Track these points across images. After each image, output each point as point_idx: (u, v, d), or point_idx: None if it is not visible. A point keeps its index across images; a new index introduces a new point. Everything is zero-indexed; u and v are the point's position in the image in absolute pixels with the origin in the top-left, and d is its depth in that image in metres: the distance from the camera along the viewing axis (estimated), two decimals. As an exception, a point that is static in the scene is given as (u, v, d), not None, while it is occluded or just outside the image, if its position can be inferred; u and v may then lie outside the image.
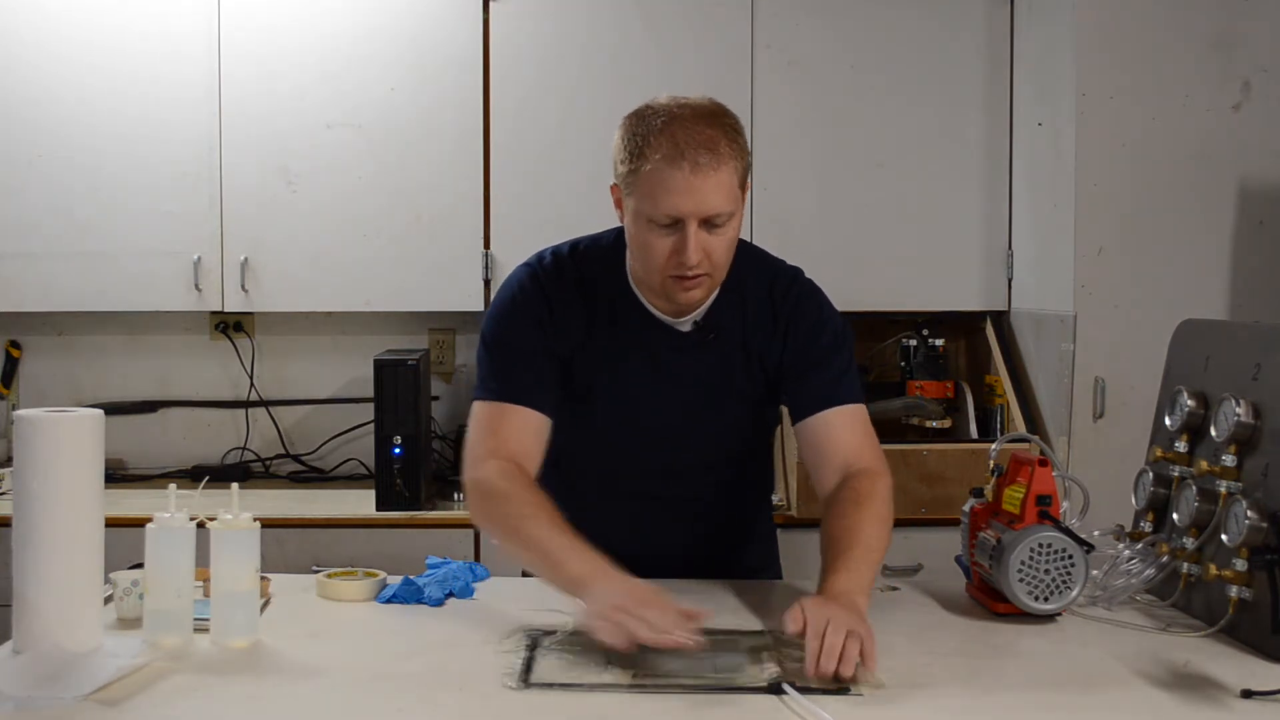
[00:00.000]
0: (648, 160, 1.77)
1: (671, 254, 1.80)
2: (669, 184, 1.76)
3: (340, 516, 3.16)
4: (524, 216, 3.39)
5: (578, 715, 1.43)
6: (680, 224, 1.78)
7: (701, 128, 1.78)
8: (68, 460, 1.55)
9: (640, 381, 1.95)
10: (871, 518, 1.82)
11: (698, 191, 1.76)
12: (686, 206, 1.77)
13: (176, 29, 3.35)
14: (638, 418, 1.97)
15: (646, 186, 1.78)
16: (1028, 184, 3.40)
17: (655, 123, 1.79)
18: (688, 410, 1.97)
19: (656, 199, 1.77)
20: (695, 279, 1.82)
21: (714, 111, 1.83)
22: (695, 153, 1.76)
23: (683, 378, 1.96)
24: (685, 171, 1.75)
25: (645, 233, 1.81)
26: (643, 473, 2.00)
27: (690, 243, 1.78)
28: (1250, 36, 3.09)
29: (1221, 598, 1.72)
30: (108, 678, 1.47)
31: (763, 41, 3.41)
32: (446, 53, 3.38)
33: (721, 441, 2.01)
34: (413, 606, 1.86)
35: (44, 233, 3.35)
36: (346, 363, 3.66)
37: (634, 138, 1.80)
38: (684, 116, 1.79)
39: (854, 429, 1.95)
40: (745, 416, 2.01)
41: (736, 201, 1.81)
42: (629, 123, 1.84)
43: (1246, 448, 1.74)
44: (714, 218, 1.78)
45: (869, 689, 1.49)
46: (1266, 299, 3.09)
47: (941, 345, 3.55)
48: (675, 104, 1.82)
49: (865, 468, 1.91)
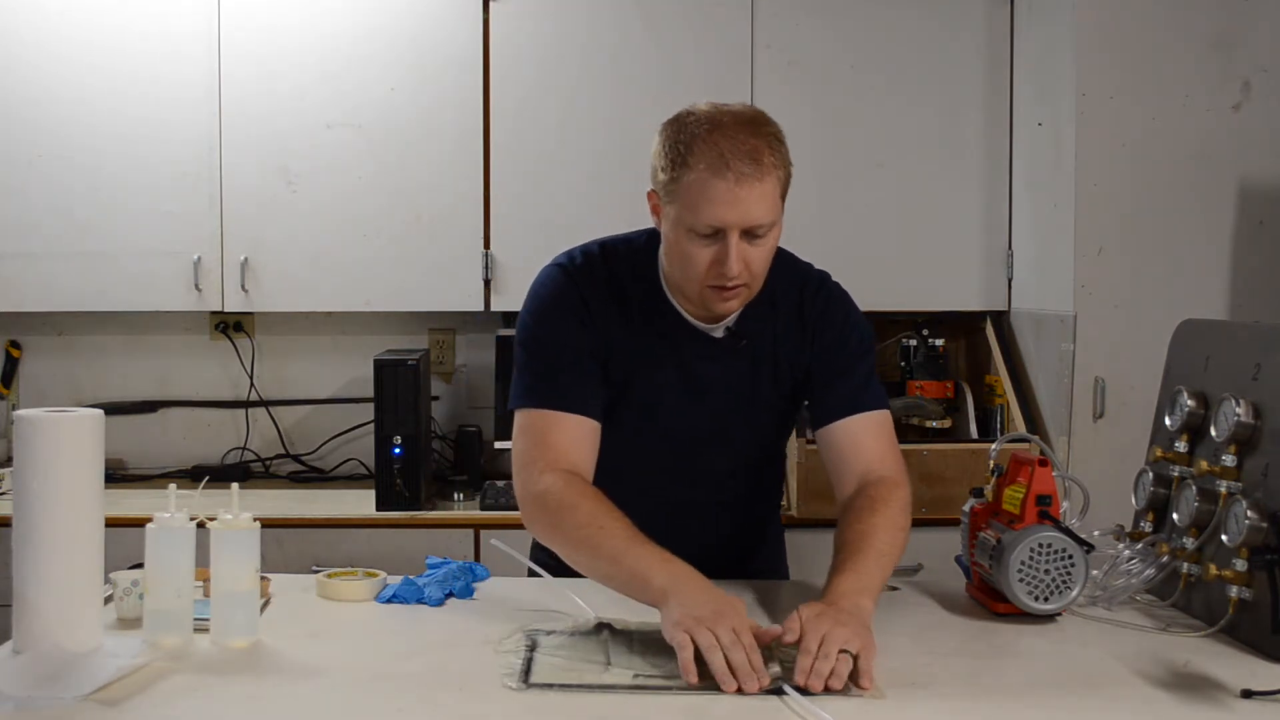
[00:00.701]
0: (691, 169, 1.75)
1: (712, 264, 1.78)
2: (712, 194, 1.74)
3: (340, 516, 3.16)
4: (524, 216, 3.39)
5: (578, 715, 1.43)
6: (722, 234, 1.76)
7: (745, 136, 1.75)
8: (68, 460, 1.55)
9: (669, 385, 1.93)
10: (887, 524, 1.80)
11: (741, 202, 1.74)
12: (730, 217, 1.74)
13: (176, 29, 3.35)
14: (665, 422, 1.95)
15: (689, 196, 1.76)
16: (1028, 184, 3.40)
17: (698, 130, 1.76)
18: (715, 416, 1.96)
19: (699, 209, 1.75)
20: (734, 289, 1.81)
21: (756, 120, 1.79)
22: (740, 163, 1.73)
23: (712, 384, 1.94)
24: (730, 182, 1.73)
25: (686, 242, 1.79)
26: (665, 476, 1.99)
27: (732, 253, 1.76)
28: (1250, 36, 3.09)
29: (1221, 598, 1.72)
30: (108, 678, 1.47)
31: (763, 41, 3.41)
32: (446, 53, 3.38)
33: (746, 448, 2.00)
34: (413, 606, 1.86)
35: (44, 233, 3.35)
36: (346, 363, 3.67)
37: (676, 145, 1.77)
38: (727, 124, 1.76)
39: (878, 436, 1.93)
40: (770, 424, 2.00)
41: (778, 212, 1.79)
42: (669, 130, 1.80)
43: (1246, 448, 1.74)
44: (756, 228, 1.76)
45: (869, 696, 1.49)
46: (1266, 299, 3.09)
47: (941, 345, 3.55)
48: (718, 111, 1.79)
49: (885, 475, 1.89)
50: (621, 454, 1.96)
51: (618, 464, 1.98)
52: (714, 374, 1.94)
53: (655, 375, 1.93)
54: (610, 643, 1.65)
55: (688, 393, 1.94)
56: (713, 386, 1.94)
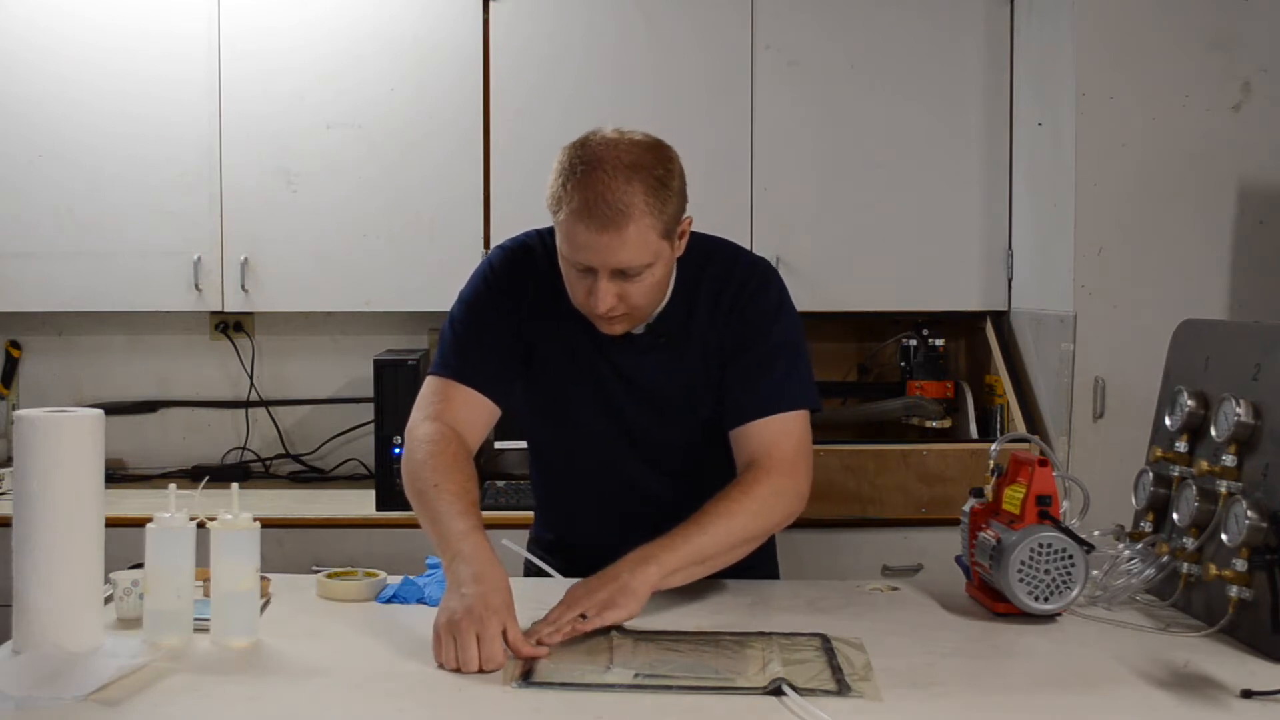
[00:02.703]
0: (563, 208, 1.79)
1: (587, 294, 1.83)
2: (578, 238, 1.78)
3: (340, 516, 3.16)
4: (524, 217, 3.35)
5: (578, 715, 1.43)
6: (593, 270, 1.80)
7: (619, 183, 1.76)
8: (68, 460, 1.55)
9: (606, 380, 1.97)
10: (732, 505, 1.81)
11: (605, 248, 1.77)
12: (595, 260, 1.79)
13: (176, 29, 3.35)
14: (611, 416, 1.98)
15: (563, 231, 1.81)
16: (1028, 184, 3.40)
17: (577, 170, 1.78)
18: (654, 410, 1.98)
19: (570, 246, 1.80)
20: (613, 319, 1.85)
21: (639, 162, 1.78)
22: (606, 209, 1.75)
23: (642, 380, 1.96)
24: (593, 230, 1.76)
25: (567, 268, 1.85)
26: (626, 469, 2.01)
27: (600, 291, 1.80)
28: (1250, 36, 3.09)
29: (1221, 598, 1.72)
30: (108, 678, 1.47)
31: (763, 41, 3.41)
32: (446, 53, 3.38)
33: (695, 440, 2.00)
34: (413, 606, 1.86)
35: (44, 233, 3.35)
36: (346, 363, 3.67)
37: (559, 179, 1.80)
38: (604, 167, 1.76)
39: (786, 436, 1.91)
40: (709, 412, 1.98)
41: (654, 253, 1.80)
42: (562, 158, 1.82)
43: (1246, 448, 1.74)
44: (626, 269, 1.80)
45: (869, 696, 1.49)
46: (1266, 299, 3.09)
47: (941, 345, 3.55)
48: (605, 146, 1.79)
49: (766, 462, 1.87)
50: (575, 448, 2.02)
51: (575, 459, 2.04)
52: (642, 369, 1.96)
53: (591, 369, 1.96)
54: (615, 644, 1.65)
55: (620, 386, 1.96)
56: (643, 381, 1.96)
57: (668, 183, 1.80)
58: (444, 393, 1.93)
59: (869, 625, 1.77)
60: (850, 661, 1.59)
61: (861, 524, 3.12)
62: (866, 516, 3.13)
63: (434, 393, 1.94)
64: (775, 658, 1.59)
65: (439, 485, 1.80)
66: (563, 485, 2.11)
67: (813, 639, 1.69)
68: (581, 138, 1.83)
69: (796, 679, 1.50)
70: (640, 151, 1.80)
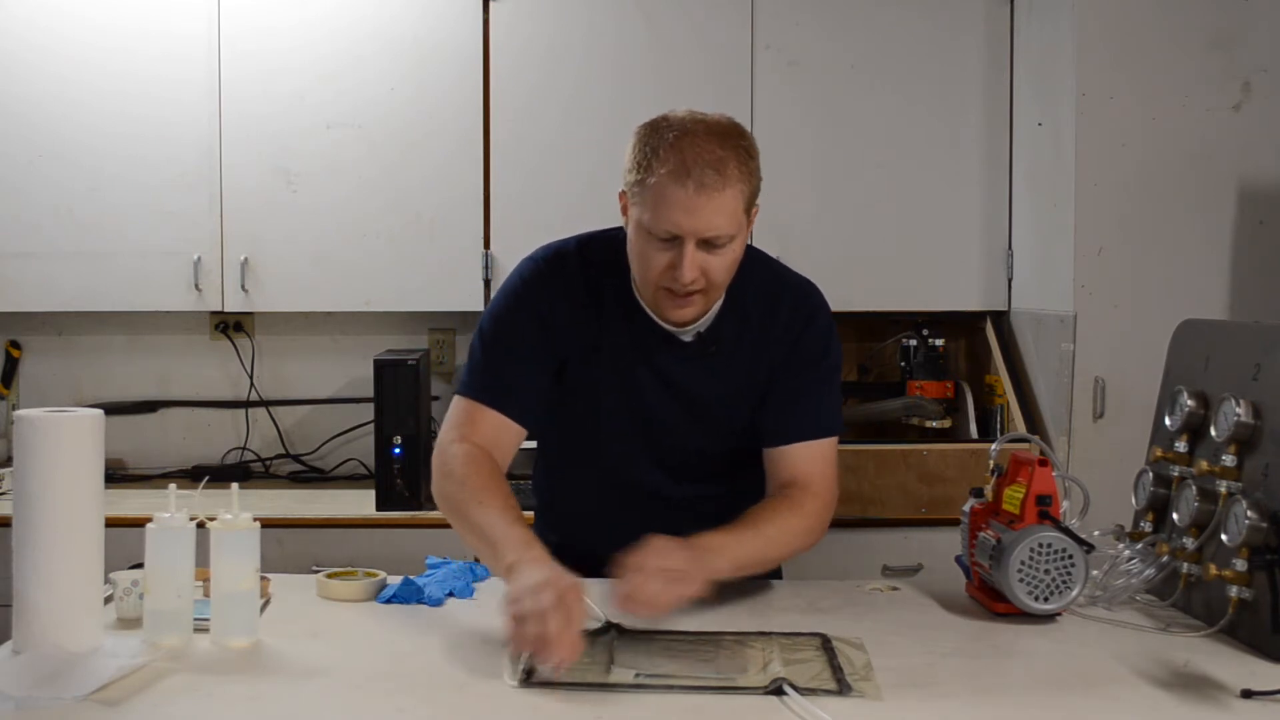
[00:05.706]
0: (654, 173, 1.77)
1: (667, 268, 1.80)
2: (671, 200, 1.76)
3: (340, 516, 3.15)
4: (524, 216, 3.39)
5: (578, 715, 1.43)
6: (679, 240, 1.78)
7: (713, 146, 1.77)
8: (68, 460, 1.55)
9: (642, 386, 1.95)
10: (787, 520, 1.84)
11: (699, 211, 1.76)
12: (686, 225, 1.77)
13: (176, 29, 3.35)
14: (639, 422, 1.97)
15: (650, 199, 1.78)
16: (1028, 184, 3.40)
17: (667, 136, 1.78)
18: (689, 419, 1.97)
19: (658, 213, 1.77)
20: (687, 296, 1.83)
21: (728, 131, 1.81)
22: (701, 171, 1.75)
23: (684, 387, 1.95)
24: (689, 190, 1.75)
25: (644, 243, 1.82)
26: (645, 476, 2.00)
27: (686, 260, 1.78)
28: (1250, 36, 3.09)
29: (1221, 598, 1.72)
30: (108, 678, 1.47)
31: (763, 42, 3.41)
32: (446, 53, 3.38)
33: (722, 450, 2.01)
34: (413, 606, 1.86)
35: (44, 233, 3.35)
36: (346, 363, 3.67)
37: (644, 148, 1.79)
38: (696, 133, 1.78)
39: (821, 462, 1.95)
40: (748, 427, 2.00)
41: (739, 225, 1.81)
42: (642, 133, 1.82)
43: (1246, 448, 1.74)
44: (714, 239, 1.79)
45: (870, 696, 1.49)
46: (1266, 299, 3.09)
47: (941, 345, 3.55)
48: (690, 119, 1.81)
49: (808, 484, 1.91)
50: (600, 453, 2.00)
51: (598, 463, 2.02)
52: (685, 377, 1.95)
53: (628, 375, 1.95)
54: (616, 644, 1.65)
55: (660, 394, 1.95)
56: (684, 389, 1.95)
57: (754, 154, 1.83)
58: (471, 415, 1.93)
59: (869, 625, 1.77)
60: (851, 661, 1.59)
61: (861, 524, 3.12)
62: (866, 516, 3.13)
63: (462, 413, 1.94)
64: (776, 657, 1.59)
65: (484, 501, 1.80)
66: (571, 487, 2.10)
67: (813, 639, 1.69)
68: (659, 116, 1.83)
69: (797, 679, 1.50)
70: (727, 123, 1.83)
